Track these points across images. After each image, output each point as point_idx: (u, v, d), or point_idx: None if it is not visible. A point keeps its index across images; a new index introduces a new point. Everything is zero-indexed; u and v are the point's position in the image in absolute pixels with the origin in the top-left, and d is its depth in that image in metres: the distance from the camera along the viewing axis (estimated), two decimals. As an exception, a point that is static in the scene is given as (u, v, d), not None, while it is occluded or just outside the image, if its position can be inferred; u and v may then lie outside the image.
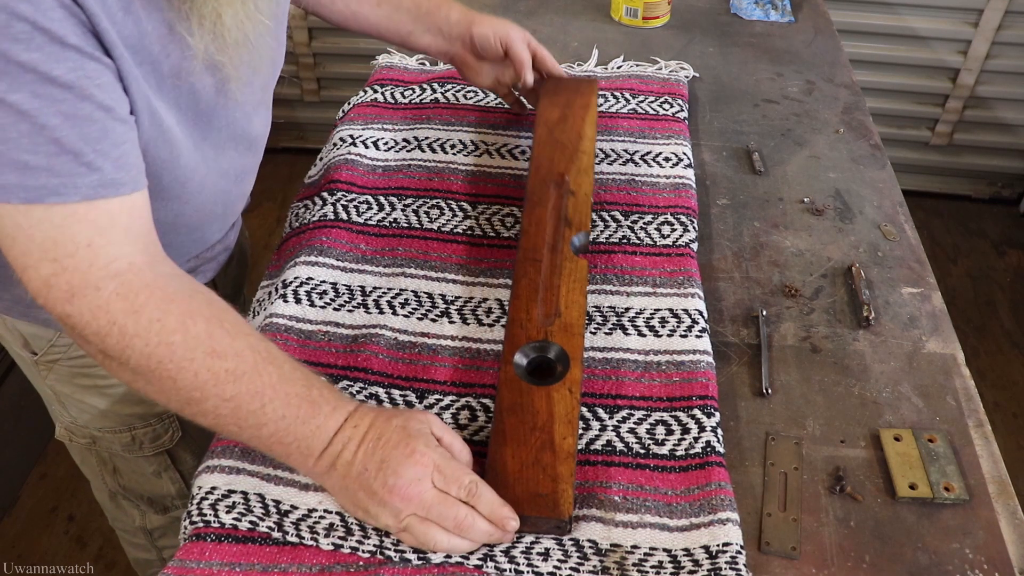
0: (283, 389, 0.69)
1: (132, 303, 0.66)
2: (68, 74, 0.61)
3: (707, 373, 0.84)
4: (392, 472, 0.68)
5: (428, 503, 0.68)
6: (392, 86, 1.27)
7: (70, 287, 0.64)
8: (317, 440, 0.70)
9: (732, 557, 0.69)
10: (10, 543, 1.69)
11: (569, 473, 0.72)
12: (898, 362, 0.89)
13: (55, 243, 0.63)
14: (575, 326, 0.83)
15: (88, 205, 0.64)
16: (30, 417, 1.78)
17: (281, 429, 0.69)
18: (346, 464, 0.69)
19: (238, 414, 0.68)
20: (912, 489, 0.76)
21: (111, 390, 1.00)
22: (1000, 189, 2.57)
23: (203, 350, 0.67)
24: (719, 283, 0.98)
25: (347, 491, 0.70)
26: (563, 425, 0.75)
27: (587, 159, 1.01)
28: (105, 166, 0.64)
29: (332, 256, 0.97)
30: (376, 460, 0.69)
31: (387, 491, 0.68)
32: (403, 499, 0.68)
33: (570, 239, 0.91)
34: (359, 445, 0.70)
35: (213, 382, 0.67)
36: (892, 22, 2.27)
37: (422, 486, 0.68)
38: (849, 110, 1.29)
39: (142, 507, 1.16)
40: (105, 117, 0.64)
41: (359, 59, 2.50)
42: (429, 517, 0.68)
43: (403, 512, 0.68)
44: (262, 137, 0.93)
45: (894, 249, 1.04)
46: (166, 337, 0.66)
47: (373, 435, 0.70)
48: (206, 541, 0.71)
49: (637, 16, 1.47)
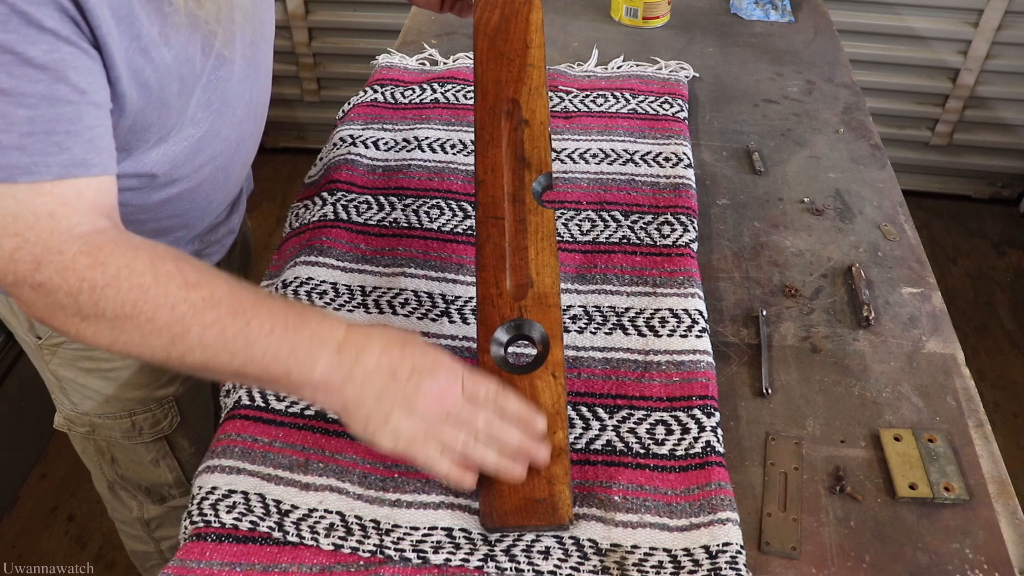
0: (264, 305, 0.68)
1: (97, 257, 0.65)
2: (43, 56, 0.61)
3: (707, 373, 0.84)
4: (427, 375, 0.68)
5: (459, 407, 0.68)
6: (392, 86, 1.27)
7: (34, 257, 0.64)
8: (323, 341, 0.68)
9: (732, 557, 0.69)
10: (10, 543, 1.69)
11: (564, 472, 0.71)
12: (898, 362, 0.90)
13: (15, 217, 0.63)
14: (550, 295, 0.78)
15: (56, 183, 0.64)
16: (30, 417, 1.78)
17: (273, 343, 0.67)
18: (371, 365, 0.68)
19: (224, 337, 0.66)
20: (912, 489, 0.76)
21: (113, 373, 1.01)
22: (1000, 189, 2.57)
23: (176, 284, 0.66)
24: (719, 283, 0.98)
25: (364, 402, 0.68)
26: (551, 418, 0.73)
27: (538, 75, 0.89)
28: (75, 147, 0.64)
29: (332, 256, 0.97)
30: (407, 367, 0.68)
31: (421, 395, 0.68)
32: (437, 402, 0.68)
33: (531, 185, 0.84)
34: (381, 352, 0.69)
35: (192, 312, 0.66)
36: (892, 22, 2.27)
37: (454, 390, 0.69)
38: (849, 110, 1.29)
39: (140, 497, 1.17)
40: (80, 99, 0.64)
41: (359, 59, 2.49)
42: (460, 420, 0.68)
43: (433, 417, 0.68)
44: (260, 103, 0.92)
45: (894, 249, 1.04)
46: (136, 280, 0.65)
47: (396, 345, 0.69)
48: (206, 541, 0.71)
49: (637, 16, 1.47)
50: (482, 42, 0.91)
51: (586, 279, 0.95)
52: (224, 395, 0.87)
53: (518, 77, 0.89)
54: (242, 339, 0.66)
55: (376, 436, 0.69)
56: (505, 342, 0.77)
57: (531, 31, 0.91)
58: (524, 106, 0.87)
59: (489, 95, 0.89)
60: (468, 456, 0.69)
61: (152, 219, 0.86)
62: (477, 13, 0.93)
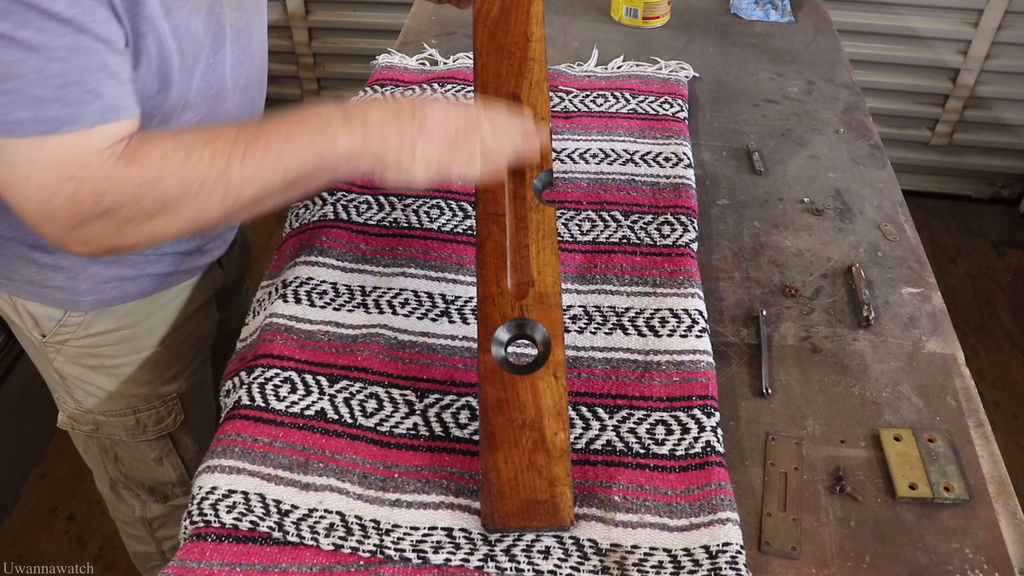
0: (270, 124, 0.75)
1: (141, 162, 0.70)
2: (67, 9, 0.63)
3: (707, 373, 0.84)
4: (427, 106, 0.77)
5: (463, 122, 0.78)
6: (392, 86, 1.27)
7: (94, 190, 0.68)
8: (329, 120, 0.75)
9: (732, 557, 0.69)
10: (10, 543, 1.69)
11: (565, 473, 0.71)
12: (898, 362, 0.90)
13: (66, 162, 0.67)
14: (551, 295, 0.77)
15: (96, 129, 0.68)
16: (30, 417, 1.78)
17: (294, 143, 0.74)
18: (378, 118, 0.76)
19: (258, 162, 0.72)
20: (912, 489, 0.76)
21: (118, 370, 1.01)
22: (1000, 189, 2.57)
23: (200, 144, 0.71)
24: (719, 283, 0.98)
25: (390, 138, 0.75)
26: (552, 419, 0.73)
27: (539, 69, 0.88)
28: (107, 93, 0.68)
29: (332, 256, 0.97)
30: (406, 108, 0.77)
31: (429, 121, 0.76)
32: (444, 122, 0.77)
33: (531, 182, 0.83)
34: (379, 105, 0.77)
35: (225, 157, 0.71)
36: (892, 22, 2.27)
37: (452, 110, 0.78)
38: (849, 110, 1.29)
39: (143, 496, 1.17)
40: (103, 48, 0.67)
41: (359, 59, 2.50)
42: (469, 130, 0.77)
43: (448, 135, 0.76)
44: (255, 91, 0.95)
45: (894, 249, 1.04)
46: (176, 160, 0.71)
47: (387, 100, 0.78)
48: (206, 541, 0.71)
49: (637, 16, 1.47)
50: (482, 34, 0.90)
51: (586, 279, 0.95)
52: (224, 395, 0.87)
53: (519, 71, 0.88)
54: (273, 155, 0.73)
55: (411, 172, 0.76)
56: (506, 342, 0.77)
57: (532, 24, 0.90)
58: (525, 101, 0.87)
59: (489, 89, 0.88)
60: (490, 153, 0.78)
61: None
62: (477, 4, 0.91)
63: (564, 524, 0.69)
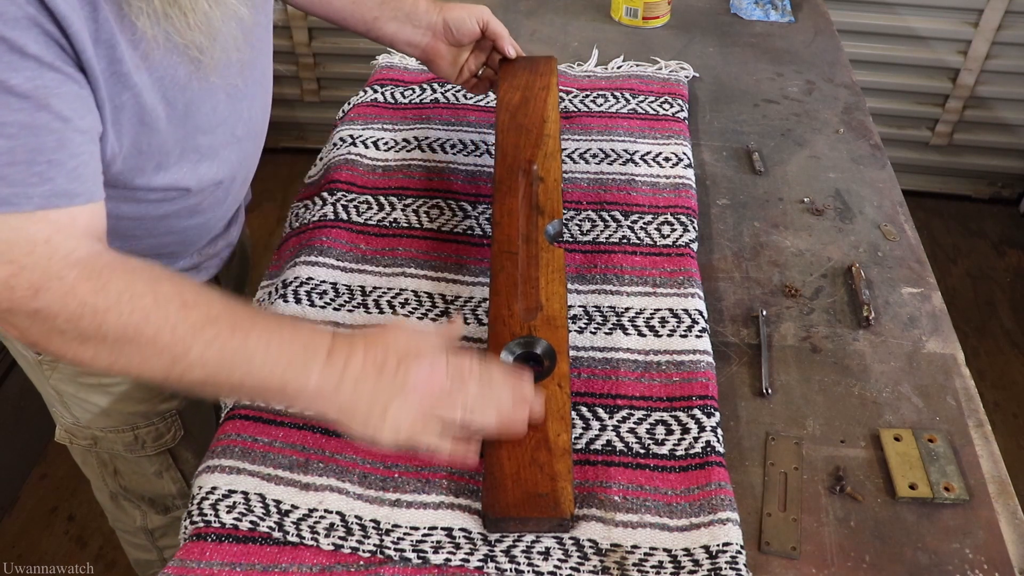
0: (259, 321, 0.69)
1: (97, 282, 0.65)
2: (26, 83, 0.60)
3: (707, 373, 0.84)
4: (413, 362, 0.70)
5: (449, 384, 0.70)
6: (392, 86, 1.27)
7: (31, 284, 0.63)
8: (312, 357, 0.69)
9: (732, 557, 0.69)
10: (10, 543, 1.69)
11: (567, 470, 0.72)
12: (898, 362, 0.89)
13: (10, 244, 0.62)
14: (558, 318, 0.82)
15: (39, 215, 0.63)
16: (30, 417, 1.78)
17: (271, 355, 0.68)
18: (356, 374, 0.69)
19: (224, 353, 0.67)
20: (912, 489, 0.76)
21: (114, 388, 1.00)
22: (1000, 189, 2.57)
23: (175, 305, 0.66)
24: (719, 283, 0.98)
25: (358, 404, 0.69)
26: (556, 421, 0.75)
27: (553, 143, 0.99)
28: (58, 177, 0.63)
29: (332, 256, 0.97)
30: (393, 360, 0.70)
31: (411, 382, 0.69)
32: (427, 385, 0.69)
33: (544, 228, 0.90)
34: (365, 353, 0.70)
35: (192, 331, 0.66)
36: (892, 22, 2.26)
37: (441, 369, 0.70)
38: (849, 110, 1.29)
39: (143, 507, 1.16)
40: (63, 127, 0.63)
41: (359, 59, 2.49)
42: (453, 395, 0.70)
43: (427, 400, 0.69)
44: (259, 122, 0.92)
45: (894, 249, 1.04)
46: (138, 303, 0.65)
47: (378, 342, 0.71)
48: (206, 541, 0.71)
49: (637, 16, 1.47)
50: (504, 116, 1.03)
51: (586, 279, 0.95)
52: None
53: (535, 143, 0.99)
54: (241, 354, 0.67)
55: (377, 433, 0.69)
56: (514, 357, 0.80)
57: (548, 109, 1.04)
58: (540, 167, 0.97)
59: (508, 156, 0.98)
60: (468, 425, 0.71)
61: (148, 235, 0.85)
62: (500, 93, 1.06)
63: (564, 516, 0.70)
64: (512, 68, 1.11)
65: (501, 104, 1.05)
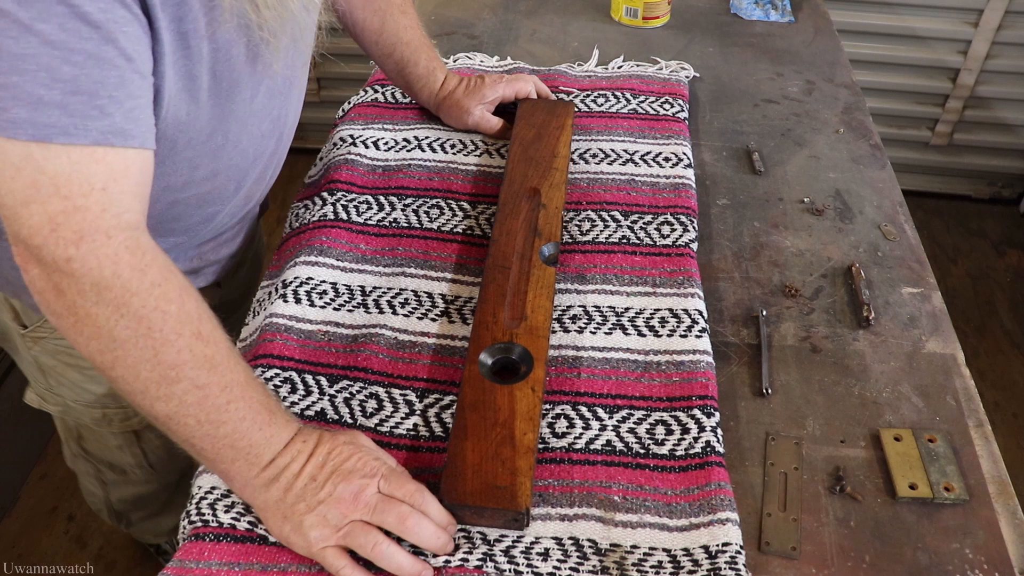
0: (249, 390, 0.68)
1: (140, 260, 0.63)
2: (99, 13, 0.58)
3: (707, 373, 0.84)
4: (343, 480, 0.68)
5: (373, 504, 0.68)
6: (392, 86, 1.27)
7: (80, 228, 0.60)
8: (268, 449, 0.69)
9: (732, 557, 0.69)
10: (10, 543, 1.69)
11: (528, 467, 0.73)
12: (898, 362, 0.89)
13: (68, 179, 0.59)
14: (541, 329, 0.84)
15: (103, 150, 0.60)
16: (30, 417, 1.78)
17: (239, 431, 0.67)
18: (291, 476, 0.69)
19: (203, 405, 0.65)
20: (912, 489, 0.76)
21: (92, 371, 1.02)
22: (1000, 189, 2.57)
23: (191, 329, 0.65)
24: (719, 283, 0.98)
25: (282, 505, 0.69)
26: (524, 421, 0.76)
27: (560, 175, 1.03)
28: (117, 113, 0.61)
29: (332, 256, 0.97)
30: (326, 471, 0.69)
31: (334, 499, 0.68)
32: (350, 504, 0.68)
33: (539, 248, 0.93)
34: (308, 458, 0.70)
35: (192, 364, 0.64)
36: (892, 22, 2.26)
37: (369, 490, 0.69)
38: (849, 110, 1.28)
39: (101, 467, 1.21)
40: (125, 65, 0.61)
41: (359, 59, 2.48)
42: (372, 520, 0.68)
43: (346, 518, 0.67)
44: (288, 124, 0.91)
45: (894, 249, 1.04)
46: (163, 304, 0.63)
47: (323, 450, 0.70)
48: (205, 541, 0.71)
49: (637, 16, 1.46)
50: (516, 149, 1.08)
51: (586, 279, 0.95)
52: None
53: (543, 174, 1.04)
54: (216, 415, 0.66)
55: (290, 539, 0.69)
56: (492, 362, 0.82)
57: (560, 145, 1.08)
58: (544, 195, 1.00)
59: (515, 183, 1.02)
60: (379, 558, 0.68)
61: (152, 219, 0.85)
62: (516, 128, 1.11)
63: (520, 510, 0.70)
64: (531, 107, 1.15)
65: (515, 139, 1.09)
